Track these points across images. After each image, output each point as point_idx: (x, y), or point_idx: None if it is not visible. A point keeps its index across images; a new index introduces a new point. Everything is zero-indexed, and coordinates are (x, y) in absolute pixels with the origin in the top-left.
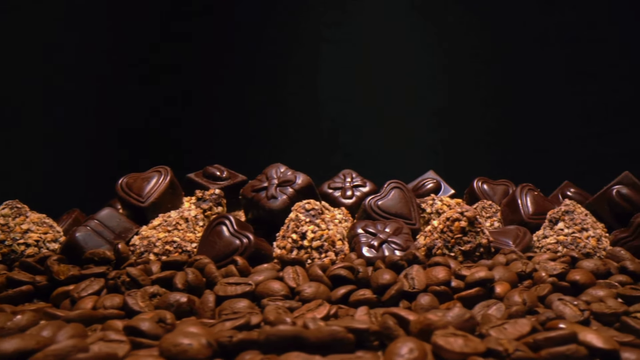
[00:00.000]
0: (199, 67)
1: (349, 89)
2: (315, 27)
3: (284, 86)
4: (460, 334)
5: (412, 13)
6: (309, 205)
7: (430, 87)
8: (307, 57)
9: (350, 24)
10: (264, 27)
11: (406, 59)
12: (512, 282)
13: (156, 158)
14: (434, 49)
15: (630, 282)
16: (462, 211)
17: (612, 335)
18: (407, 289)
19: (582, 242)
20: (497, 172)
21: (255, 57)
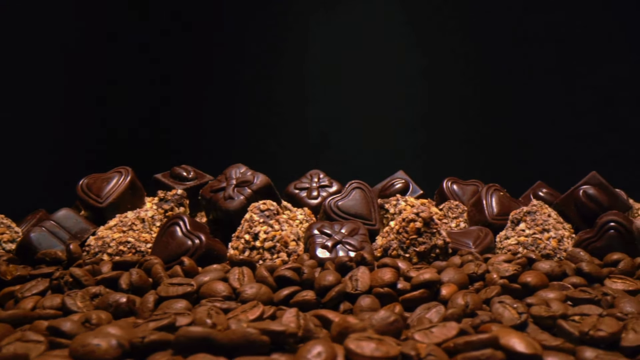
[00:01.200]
0: (184, 69)
1: (335, 92)
2: (303, 27)
3: (270, 89)
4: (376, 337)
5: (397, 15)
6: (264, 205)
7: (413, 88)
8: (293, 59)
9: (337, 24)
10: (250, 28)
11: (390, 60)
12: (461, 284)
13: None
14: (418, 51)
15: (584, 284)
16: (418, 212)
17: (543, 339)
18: (350, 291)
19: (543, 243)
20: (478, 173)
21: (244, 59)
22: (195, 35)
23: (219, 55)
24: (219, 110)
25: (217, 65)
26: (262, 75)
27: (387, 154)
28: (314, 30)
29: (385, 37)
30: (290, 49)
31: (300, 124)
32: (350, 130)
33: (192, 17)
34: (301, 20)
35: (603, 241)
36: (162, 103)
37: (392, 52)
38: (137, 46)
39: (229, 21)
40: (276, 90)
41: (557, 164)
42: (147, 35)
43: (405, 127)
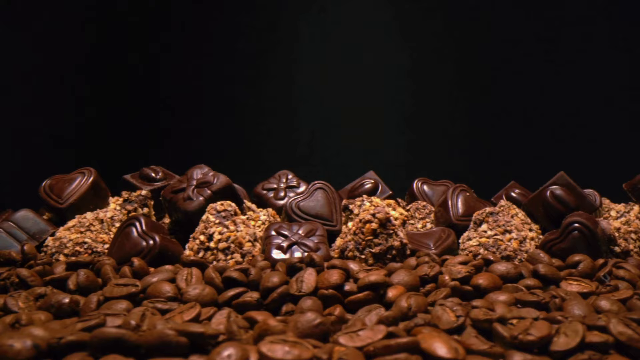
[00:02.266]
0: (172, 69)
1: (324, 92)
2: (292, 28)
3: (258, 90)
4: (291, 340)
5: (383, 15)
6: (221, 206)
7: (400, 89)
8: (282, 60)
9: (325, 25)
10: (239, 28)
11: (377, 60)
12: (411, 286)
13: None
14: (406, 51)
15: (539, 287)
16: (374, 213)
17: (471, 344)
18: (294, 292)
19: (504, 245)
20: (465, 174)
21: (233, 58)
22: (184, 36)
23: (208, 55)
24: (207, 110)
25: (205, 66)
26: (250, 76)
27: (375, 154)
28: (302, 31)
29: (372, 38)
30: (278, 50)
31: (289, 124)
32: (338, 130)
33: (179, 16)
34: (290, 20)
35: (567, 242)
36: (148, 103)
37: (379, 52)
38: (124, 45)
39: (217, 21)
40: (264, 91)
41: (542, 163)
42: (137, 34)
43: (393, 127)
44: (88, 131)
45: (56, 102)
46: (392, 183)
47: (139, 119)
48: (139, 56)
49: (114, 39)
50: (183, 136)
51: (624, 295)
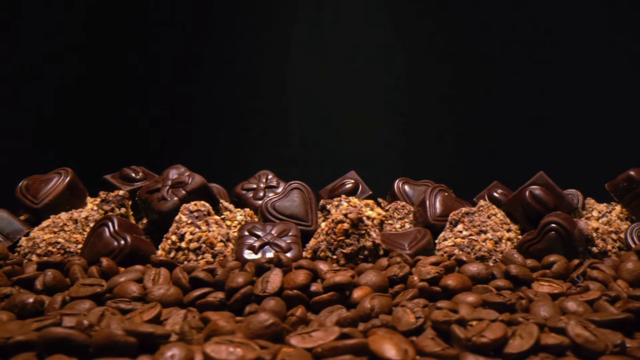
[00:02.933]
0: (166, 68)
1: (318, 92)
2: (285, 28)
3: (252, 91)
4: (237, 341)
5: (379, 16)
6: (194, 206)
7: (394, 89)
8: (276, 60)
9: (320, 26)
10: (232, 30)
11: (372, 61)
12: (379, 287)
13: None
14: (400, 51)
15: (509, 287)
16: (346, 213)
17: (424, 346)
18: (258, 293)
19: (478, 245)
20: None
21: (224, 59)
22: (173, 34)
23: (201, 56)
24: (201, 112)
25: (194, 65)
26: (244, 77)
27: (367, 154)
28: (297, 31)
29: (366, 38)
30: (272, 51)
31: (283, 125)
32: (333, 131)
33: (165, 13)
34: (284, 21)
35: (543, 243)
36: (137, 103)
37: (373, 52)
38: (108, 43)
39: (211, 22)
40: (258, 92)
41: (533, 163)
42: (122, 32)
43: (387, 127)
44: (69, 131)
45: (36, 102)
46: (386, 183)
47: (127, 119)
48: (123, 55)
49: (97, 37)
50: (172, 137)
51: (592, 296)
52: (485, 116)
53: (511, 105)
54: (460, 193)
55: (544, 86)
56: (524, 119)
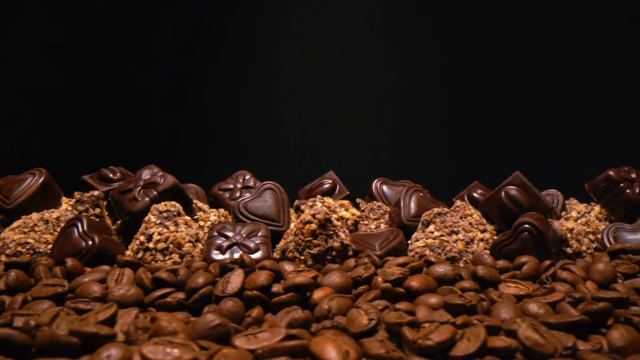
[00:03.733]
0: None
1: (312, 93)
2: (279, 29)
3: (246, 92)
4: (178, 342)
5: (370, 17)
6: (164, 207)
7: (384, 90)
8: (269, 61)
9: (313, 25)
10: (225, 31)
11: (360, 63)
12: (342, 288)
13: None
14: (388, 52)
15: (475, 289)
16: (314, 213)
17: (370, 348)
18: (217, 293)
19: (449, 246)
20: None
21: (218, 59)
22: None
23: (195, 58)
24: (195, 113)
25: (193, 68)
26: (238, 78)
27: (359, 154)
28: (290, 31)
29: (358, 39)
30: (262, 50)
31: (277, 127)
32: (327, 131)
33: (157, 14)
34: (276, 21)
35: (516, 244)
36: (128, 103)
37: (363, 53)
38: (87, 43)
39: (205, 23)
40: (252, 93)
41: (519, 163)
42: (106, 31)
43: (377, 127)
44: (50, 131)
45: (16, 102)
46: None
47: (115, 119)
48: (107, 53)
49: (76, 36)
50: (160, 137)
51: (555, 298)
52: (471, 117)
53: (498, 107)
54: (447, 193)
55: (530, 87)
56: (510, 119)
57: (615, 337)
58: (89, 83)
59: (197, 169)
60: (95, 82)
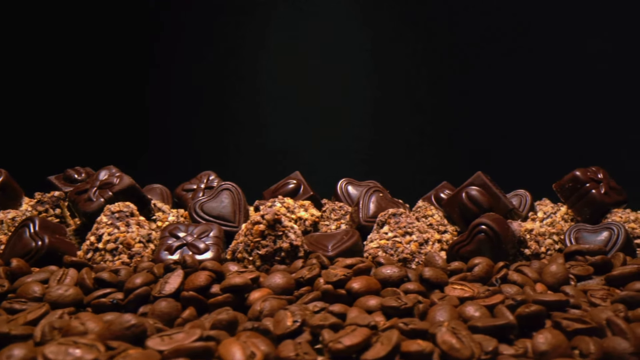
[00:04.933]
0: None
1: (292, 94)
2: (260, 30)
3: (226, 94)
4: (83, 342)
5: (352, 16)
6: (116, 207)
7: (366, 88)
8: (247, 61)
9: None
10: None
11: (342, 62)
12: (283, 289)
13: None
14: (370, 53)
15: (420, 291)
16: (263, 214)
17: (281, 350)
18: (155, 294)
19: (401, 247)
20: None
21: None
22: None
23: (178, 59)
24: (178, 115)
25: (175, 69)
26: (217, 80)
27: (342, 155)
28: (272, 32)
29: (339, 39)
30: (246, 55)
31: (258, 130)
32: (305, 132)
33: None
34: (257, 23)
35: (473, 245)
36: (112, 104)
37: (346, 55)
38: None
39: (186, 25)
40: (232, 95)
41: (501, 163)
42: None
43: (358, 126)
44: (15, 131)
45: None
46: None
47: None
48: (75, 52)
49: (37, 33)
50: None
51: (494, 300)
52: (449, 117)
53: (474, 107)
54: (423, 194)
55: (507, 87)
56: (484, 119)
57: (540, 341)
58: (56, 80)
59: (176, 169)
60: (64, 80)
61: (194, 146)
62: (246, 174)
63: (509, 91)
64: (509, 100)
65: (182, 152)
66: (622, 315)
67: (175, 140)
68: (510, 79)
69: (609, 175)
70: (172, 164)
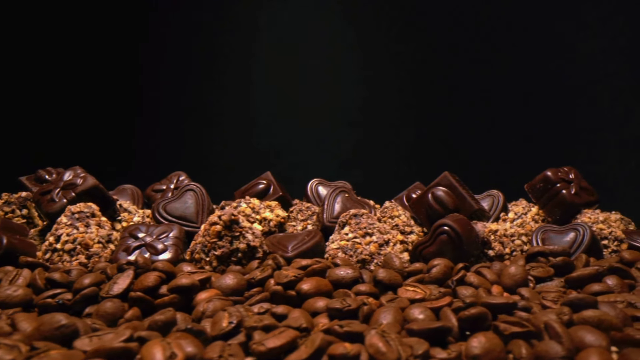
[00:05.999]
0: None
1: (279, 94)
2: (249, 29)
3: (214, 94)
4: (5, 343)
5: (338, 17)
6: (77, 208)
7: (352, 89)
8: (238, 64)
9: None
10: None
11: (328, 63)
12: (233, 289)
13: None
14: (357, 53)
15: (372, 293)
16: (220, 215)
17: (210, 351)
18: (102, 294)
19: (361, 248)
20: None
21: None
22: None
23: (165, 59)
24: (164, 116)
25: (162, 70)
26: (205, 80)
27: (327, 155)
28: (258, 32)
29: (325, 39)
30: (233, 50)
31: (246, 130)
32: (292, 134)
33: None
34: (245, 21)
35: (435, 246)
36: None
37: (333, 55)
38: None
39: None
40: (220, 96)
41: (484, 164)
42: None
43: (344, 126)
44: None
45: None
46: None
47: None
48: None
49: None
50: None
51: (441, 303)
52: (433, 118)
53: (454, 108)
54: None
55: (486, 87)
56: (464, 120)
57: (473, 344)
58: (28, 79)
59: (160, 170)
60: (38, 78)
61: (178, 146)
62: (230, 174)
63: (490, 91)
64: (495, 100)
65: (168, 152)
66: (567, 318)
67: (158, 141)
68: (491, 80)
69: (581, 175)
70: (159, 164)
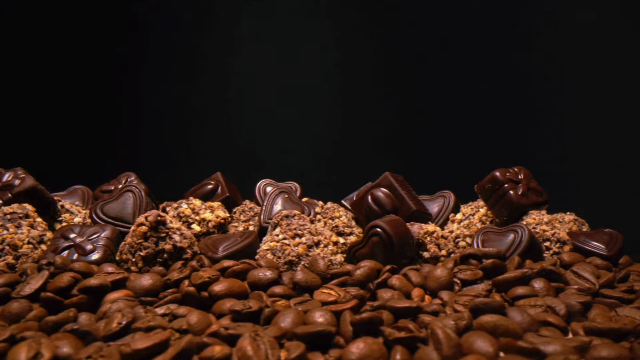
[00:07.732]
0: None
1: (257, 94)
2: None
3: (192, 93)
4: None
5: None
6: (10, 209)
7: (328, 88)
8: (217, 62)
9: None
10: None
11: (305, 60)
12: (147, 290)
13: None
14: (334, 51)
15: (287, 295)
16: (147, 216)
17: (87, 350)
18: (14, 295)
19: (289, 249)
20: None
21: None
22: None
23: (144, 59)
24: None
25: (144, 69)
26: (184, 79)
27: (303, 156)
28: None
29: (301, 37)
30: (213, 48)
31: (224, 128)
32: (269, 135)
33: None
34: (224, 24)
35: (367, 248)
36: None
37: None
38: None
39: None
40: (197, 95)
41: (465, 163)
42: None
43: (325, 128)
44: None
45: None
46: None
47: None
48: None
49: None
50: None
51: (346, 306)
52: (409, 120)
53: (421, 108)
54: None
55: (454, 86)
56: (436, 119)
57: (352, 350)
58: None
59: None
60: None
61: (160, 146)
62: (208, 174)
63: (461, 91)
64: (461, 99)
65: (149, 153)
66: (464, 323)
67: (135, 141)
68: (457, 80)
69: (531, 175)
70: (139, 165)
